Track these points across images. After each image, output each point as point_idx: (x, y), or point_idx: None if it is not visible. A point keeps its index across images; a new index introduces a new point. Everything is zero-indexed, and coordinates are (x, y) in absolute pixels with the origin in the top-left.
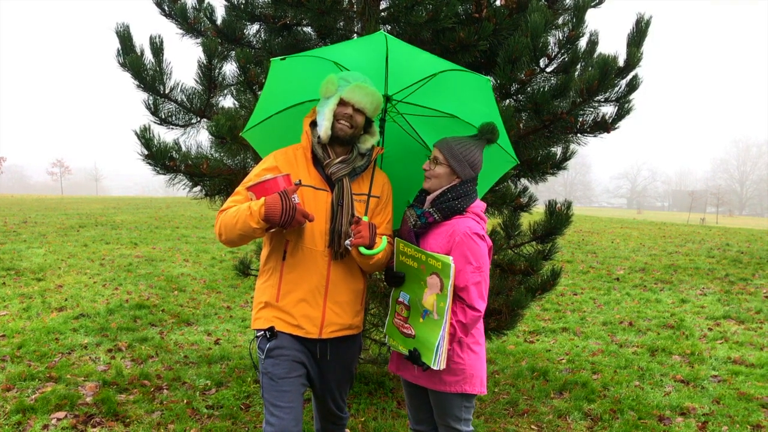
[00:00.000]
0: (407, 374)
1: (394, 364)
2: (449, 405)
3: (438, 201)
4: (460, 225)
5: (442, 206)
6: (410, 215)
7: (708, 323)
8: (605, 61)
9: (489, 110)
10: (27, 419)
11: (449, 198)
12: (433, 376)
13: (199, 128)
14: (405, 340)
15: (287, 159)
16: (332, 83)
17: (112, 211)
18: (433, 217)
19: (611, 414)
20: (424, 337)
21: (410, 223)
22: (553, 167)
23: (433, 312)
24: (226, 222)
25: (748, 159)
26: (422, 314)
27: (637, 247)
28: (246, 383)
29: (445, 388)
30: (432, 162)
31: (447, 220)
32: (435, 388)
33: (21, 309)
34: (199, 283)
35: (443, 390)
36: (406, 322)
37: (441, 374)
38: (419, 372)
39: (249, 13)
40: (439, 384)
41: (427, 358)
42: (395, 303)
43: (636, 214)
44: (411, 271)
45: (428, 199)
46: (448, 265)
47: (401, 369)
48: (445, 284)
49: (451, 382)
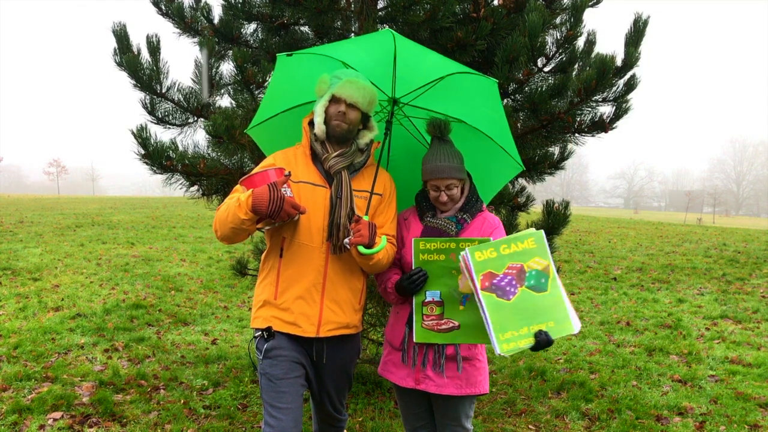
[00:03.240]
0: (430, 386)
1: (411, 379)
2: (464, 405)
3: (467, 206)
4: (489, 219)
5: (471, 209)
6: (447, 224)
7: (705, 323)
8: (603, 60)
9: (495, 114)
10: (23, 419)
11: (473, 201)
12: (459, 381)
13: (196, 128)
14: (447, 336)
15: (287, 159)
16: (324, 82)
17: (108, 211)
18: (467, 221)
19: (609, 414)
20: (473, 321)
21: (450, 232)
22: (551, 167)
23: (476, 293)
24: (219, 216)
25: (745, 159)
26: (461, 302)
27: (634, 247)
28: (243, 383)
29: (472, 390)
30: (446, 190)
31: (474, 220)
32: (462, 393)
33: (17, 309)
34: (196, 282)
35: (469, 393)
36: (442, 318)
37: (467, 378)
38: (444, 381)
39: (246, 13)
40: (466, 387)
41: (564, 329)
42: (421, 306)
43: (633, 214)
44: (436, 266)
45: (455, 208)
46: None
47: (422, 382)
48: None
49: (476, 382)
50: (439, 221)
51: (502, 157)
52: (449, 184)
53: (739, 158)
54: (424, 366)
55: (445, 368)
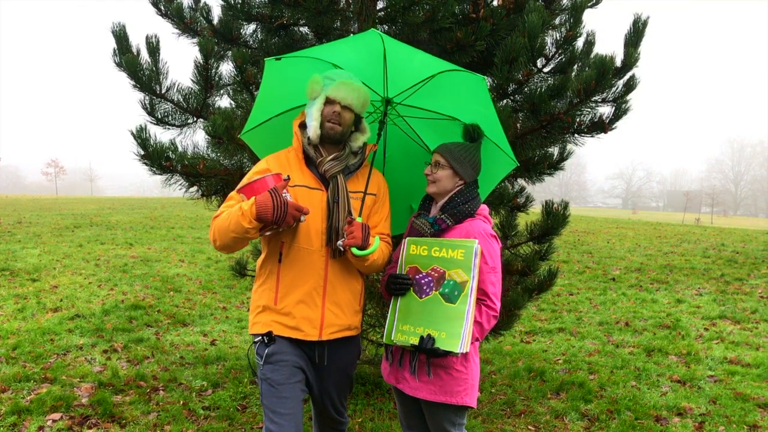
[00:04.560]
0: (405, 387)
1: (392, 376)
2: (446, 415)
3: (448, 206)
4: (474, 227)
5: (453, 211)
6: (422, 224)
7: (704, 323)
8: (602, 61)
9: (486, 110)
10: (22, 421)
11: (459, 202)
12: (434, 387)
13: (195, 128)
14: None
15: (279, 162)
16: (317, 83)
17: (107, 212)
18: (446, 223)
19: (608, 414)
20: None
21: (425, 233)
22: (550, 167)
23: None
24: (219, 226)
25: (743, 159)
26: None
27: (632, 248)
28: (242, 384)
29: (447, 399)
30: (433, 166)
31: (459, 224)
32: (435, 400)
33: (16, 310)
34: (194, 283)
35: (444, 401)
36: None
37: (443, 386)
38: (418, 384)
39: (246, 13)
40: (440, 395)
41: (450, 344)
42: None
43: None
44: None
45: (438, 206)
46: (472, 248)
47: (400, 382)
48: (469, 265)
49: (453, 392)
50: (419, 221)
51: (495, 154)
52: (437, 160)
53: (737, 158)
54: (401, 366)
55: (419, 372)
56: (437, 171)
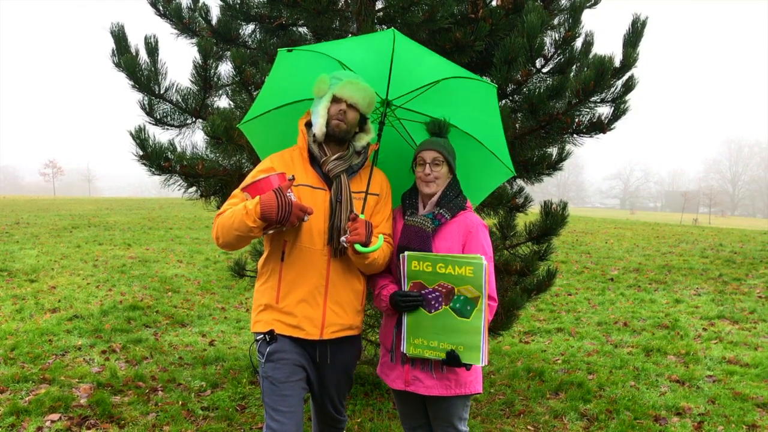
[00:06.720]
0: (419, 387)
1: (400, 380)
2: (456, 407)
3: (443, 201)
4: (468, 219)
5: (449, 205)
6: (423, 221)
7: (702, 323)
8: (601, 61)
9: (491, 119)
10: (21, 421)
11: (452, 196)
12: (449, 382)
13: (194, 129)
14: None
15: (284, 161)
16: (324, 82)
17: (105, 212)
18: (444, 217)
19: (607, 414)
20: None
21: (427, 229)
22: (549, 168)
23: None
24: (223, 224)
25: (740, 159)
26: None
27: (630, 248)
28: (241, 384)
29: (460, 390)
30: (432, 165)
31: (454, 217)
32: (452, 393)
33: (14, 310)
34: (193, 284)
35: (458, 393)
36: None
37: (457, 379)
38: (433, 382)
39: (244, 13)
40: (455, 388)
41: (472, 357)
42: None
43: (629, 214)
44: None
45: (432, 202)
46: (481, 265)
47: (411, 384)
48: (480, 282)
49: (466, 383)
50: (417, 219)
51: (492, 163)
52: (435, 157)
53: (734, 159)
54: (413, 367)
55: (434, 369)
56: (438, 169)
